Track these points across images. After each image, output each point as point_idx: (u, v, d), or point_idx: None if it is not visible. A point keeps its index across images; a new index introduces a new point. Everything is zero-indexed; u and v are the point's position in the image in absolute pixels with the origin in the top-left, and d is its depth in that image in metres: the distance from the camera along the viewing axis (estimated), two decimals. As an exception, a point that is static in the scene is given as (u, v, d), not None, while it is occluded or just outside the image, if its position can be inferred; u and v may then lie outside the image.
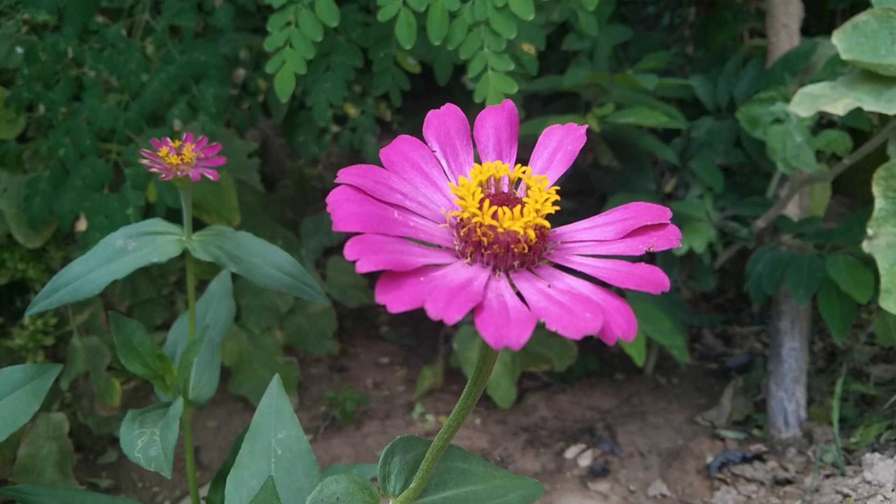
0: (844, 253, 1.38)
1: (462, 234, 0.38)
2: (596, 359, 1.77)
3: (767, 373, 1.50)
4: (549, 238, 0.39)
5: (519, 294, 0.36)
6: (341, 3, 1.33)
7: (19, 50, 1.43)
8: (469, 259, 0.38)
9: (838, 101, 1.16)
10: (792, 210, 1.51)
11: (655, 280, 0.35)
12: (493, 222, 0.36)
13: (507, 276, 0.37)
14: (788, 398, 1.44)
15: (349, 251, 0.33)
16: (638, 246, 0.37)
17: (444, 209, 0.41)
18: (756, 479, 1.37)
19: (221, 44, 1.53)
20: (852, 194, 1.82)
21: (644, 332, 1.45)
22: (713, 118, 1.60)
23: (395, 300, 0.33)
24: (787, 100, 1.38)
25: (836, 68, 1.38)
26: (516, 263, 0.38)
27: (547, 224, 0.37)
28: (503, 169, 0.39)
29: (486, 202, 0.37)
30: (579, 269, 0.38)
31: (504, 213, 0.36)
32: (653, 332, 1.45)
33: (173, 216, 1.07)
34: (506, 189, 0.40)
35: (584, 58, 1.56)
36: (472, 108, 0.66)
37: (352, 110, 1.58)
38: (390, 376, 1.81)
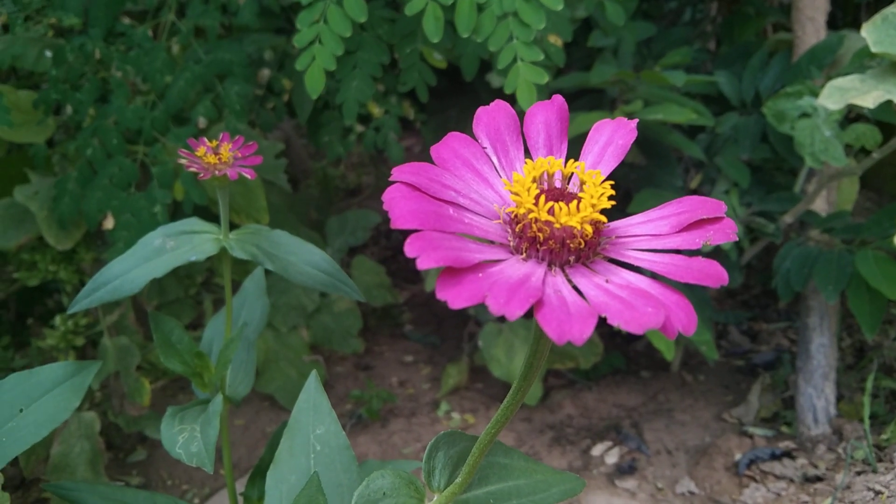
0: (874, 248, 1.36)
1: (517, 229, 0.38)
2: (622, 356, 1.76)
3: (796, 369, 1.49)
4: (603, 233, 0.40)
5: (576, 289, 0.36)
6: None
7: (48, 54, 1.45)
8: (524, 255, 0.38)
9: (868, 94, 1.16)
10: (819, 205, 1.50)
11: (714, 274, 0.35)
12: (550, 218, 0.37)
13: (563, 271, 0.37)
14: (818, 395, 1.43)
15: (409, 248, 0.34)
16: (694, 240, 0.37)
17: (497, 205, 0.41)
18: (786, 476, 1.36)
19: (246, 43, 1.54)
20: (880, 189, 1.80)
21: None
22: (738, 113, 1.59)
23: (455, 296, 0.33)
24: (815, 94, 1.37)
25: (864, 61, 1.37)
26: (572, 259, 0.38)
27: (603, 219, 0.38)
28: (556, 164, 0.39)
29: (542, 198, 0.37)
30: (636, 263, 0.38)
31: (560, 208, 0.37)
32: (680, 328, 1.44)
33: (198, 214, 1.08)
34: (559, 184, 0.40)
35: (608, 54, 1.56)
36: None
37: (375, 109, 1.59)
38: (415, 374, 1.81)
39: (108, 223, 1.39)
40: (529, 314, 0.34)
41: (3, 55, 1.40)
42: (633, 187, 1.59)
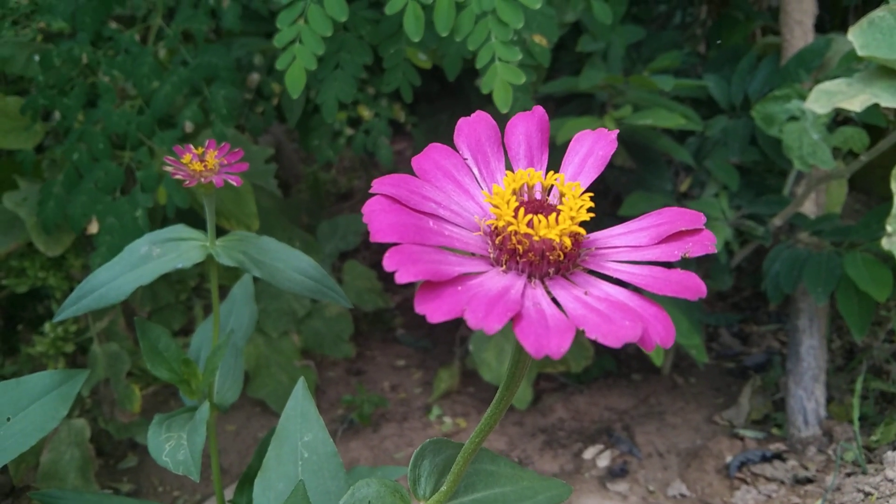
0: (862, 250, 1.37)
1: (497, 242, 0.38)
2: (613, 359, 1.77)
3: (786, 371, 1.49)
4: (582, 244, 0.40)
5: (555, 301, 0.36)
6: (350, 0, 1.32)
7: (37, 58, 1.44)
8: (504, 267, 0.38)
9: (855, 97, 1.16)
10: (808, 208, 1.51)
11: (693, 286, 0.35)
12: (529, 230, 0.37)
13: (543, 283, 0.37)
14: (808, 397, 1.44)
15: (388, 262, 0.34)
16: (673, 251, 0.37)
17: (478, 217, 0.41)
18: (776, 478, 1.36)
19: (235, 47, 1.54)
20: (868, 191, 1.81)
21: (661, 332, 1.45)
22: (727, 117, 1.59)
23: (434, 310, 0.33)
24: (803, 97, 1.37)
25: (851, 65, 1.38)
26: (551, 271, 0.38)
27: (582, 231, 0.38)
28: (536, 176, 0.40)
29: (521, 210, 0.37)
30: (615, 275, 0.38)
31: (539, 220, 0.37)
32: (670, 331, 1.44)
33: (183, 218, 1.08)
34: (539, 196, 0.40)
35: (597, 59, 1.56)
36: (488, 112, 0.66)
37: (365, 112, 1.58)
38: (406, 379, 1.81)
39: (93, 228, 1.38)
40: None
41: (-10, 60, 1.40)
42: (623, 191, 1.60)
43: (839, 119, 1.45)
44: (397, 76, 1.35)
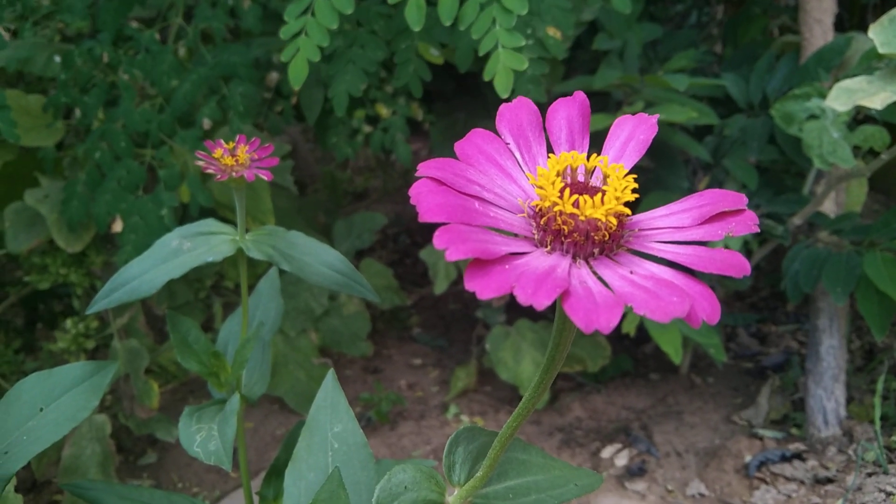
0: (882, 249, 1.37)
1: (542, 222, 0.39)
2: (630, 359, 1.76)
3: (805, 371, 1.49)
4: (626, 225, 0.40)
5: (601, 280, 0.37)
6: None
7: (57, 59, 1.46)
8: (549, 247, 0.38)
9: (875, 95, 1.16)
10: (828, 207, 1.50)
11: (737, 264, 0.35)
12: (574, 210, 0.37)
13: (588, 263, 0.38)
14: (827, 396, 1.43)
15: (438, 240, 0.34)
16: (717, 231, 0.38)
17: (521, 199, 0.42)
18: (796, 477, 1.36)
19: (254, 46, 1.55)
20: (888, 191, 1.80)
21: (680, 330, 1.45)
22: (746, 115, 1.59)
23: (484, 287, 0.34)
24: (822, 95, 1.37)
25: (871, 63, 1.37)
26: (595, 251, 0.38)
27: (627, 211, 0.38)
28: (580, 158, 0.40)
29: (567, 191, 0.38)
30: (660, 255, 0.38)
31: (585, 201, 0.37)
32: (689, 330, 1.44)
33: (202, 216, 1.09)
34: (582, 178, 0.41)
35: (614, 57, 1.57)
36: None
37: (383, 110, 1.59)
38: (423, 377, 1.81)
39: (117, 226, 1.40)
40: (539, 314, 0.35)
41: (11, 60, 1.41)
42: (640, 190, 1.60)
43: (859, 117, 1.45)
44: (407, 71, 1.35)
